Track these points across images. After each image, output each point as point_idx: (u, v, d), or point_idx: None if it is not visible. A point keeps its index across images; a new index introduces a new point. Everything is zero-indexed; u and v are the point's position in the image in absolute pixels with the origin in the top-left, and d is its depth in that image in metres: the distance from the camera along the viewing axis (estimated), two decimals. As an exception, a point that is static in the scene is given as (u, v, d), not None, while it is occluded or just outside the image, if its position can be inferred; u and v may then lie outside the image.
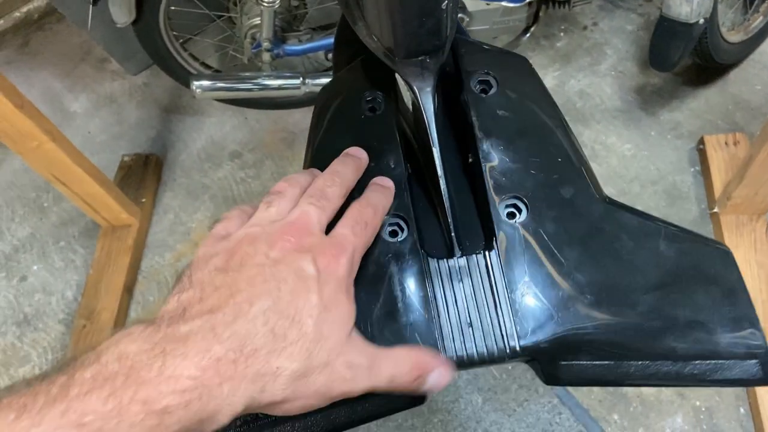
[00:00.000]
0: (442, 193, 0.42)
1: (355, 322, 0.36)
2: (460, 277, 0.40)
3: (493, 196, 0.42)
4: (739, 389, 1.15)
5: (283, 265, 0.34)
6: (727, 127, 1.53)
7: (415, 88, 0.44)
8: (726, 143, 1.43)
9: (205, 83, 1.39)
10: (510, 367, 1.21)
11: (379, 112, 0.48)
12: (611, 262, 0.40)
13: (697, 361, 0.37)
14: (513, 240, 0.41)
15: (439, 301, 0.39)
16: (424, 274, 0.40)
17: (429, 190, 0.46)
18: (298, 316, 0.32)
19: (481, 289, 0.39)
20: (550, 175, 0.43)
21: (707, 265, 0.40)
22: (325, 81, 1.38)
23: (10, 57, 2.03)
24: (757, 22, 1.57)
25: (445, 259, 0.41)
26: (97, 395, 0.26)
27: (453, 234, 0.42)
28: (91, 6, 1.31)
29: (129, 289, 1.45)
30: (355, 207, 0.39)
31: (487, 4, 1.30)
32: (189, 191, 1.64)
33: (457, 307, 0.39)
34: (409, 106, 0.48)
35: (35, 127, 1.18)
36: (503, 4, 1.30)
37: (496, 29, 1.37)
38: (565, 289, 0.39)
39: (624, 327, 0.38)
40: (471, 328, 0.38)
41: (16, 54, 2.04)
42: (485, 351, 0.37)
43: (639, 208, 0.43)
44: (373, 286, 0.39)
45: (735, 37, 1.52)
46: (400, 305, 0.39)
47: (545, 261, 0.40)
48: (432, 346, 0.37)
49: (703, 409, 1.14)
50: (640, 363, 0.37)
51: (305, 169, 0.46)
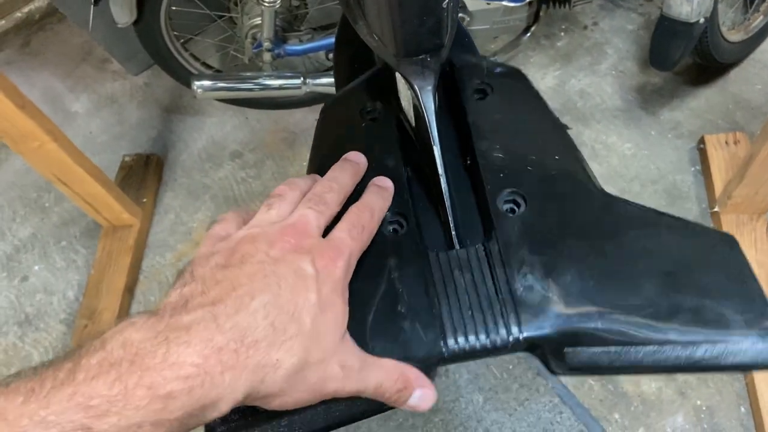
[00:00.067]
0: (443, 189, 0.43)
1: (359, 319, 0.37)
2: (460, 268, 0.40)
3: (491, 191, 0.43)
4: (740, 388, 1.15)
5: (283, 263, 0.35)
6: (727, 126, 1.53)
7: (416, 86, 0.44)
8: (726, 142, 1.43)
9: (206, 83, 1.39)
10: (511, 367, 1.21)
11: (378, 120, 0.49)
12: (613, 250, 0.40)
13: (708, 345, 0.36)
14: (513, 232, 0.41)
15: (441, 292, 0.39)
16: (424, 266, 0.40)
17: (429, 189, 0.46)
18: (297, 312, 0.33)
19: (482, 280, 0.39)
20: (548, 171, 0.44)
21: (712, 252, 0.40)
22: (325, 81, 1.38)
23: (12, 57, 2.04)
24: (757, 21, 1.57)
25: (445, 251, 0.41)
26: (103, 380, 0.27)
27: (453, 227, 0.42)
28: (92, 6, 1.31)
29: (130, 289, 1.46)
30: (353, 211, 0.40)
31: (488, 4, 1.30)
32: (190, 191, 1.64)
33: (458, 298, 0.39)
34: (410, 106, 0.48)
35: (36, 127, 1.18)
36: (504, 3, 1.31)
37: (496, 29, 1.37)
38: (568, 276, 0.38)
39: (630, 312, 0.37)
40: (473, 319, 0.38)
41: (18, 54, 2.04)
42: (488, 341, 0.37)
43: (639, 206, 0.43)
44: (376, 281, 0.39)
45: (735, 36, 1.52)
46: (402, 298, 0.39)
47: (546, 251, 0.40)
48: (435, 337, 0.37)
49: (704, 408, 1.15)
50: (649, 348, 0.36)
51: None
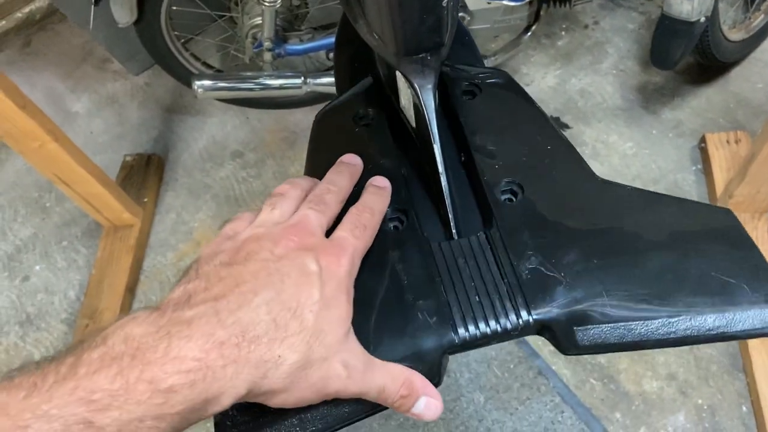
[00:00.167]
0: (443, 185, 0.43)
1: (364, 318, 0.37)
2: (464, 256, 0.40)
3: (488, 182, 0.43)
4: (741, 387, 1.15)
5: (287, 260, 0.35)
6: (728, 125, 1.53)
7: (416, 85, 0.44)
8: (727, 141, 1.43)
9: (207, 83, 1.39)
10: (512, 366, 1.21)
11: (372, 126, 0.50)
12: (614, 229, 0.40)
13: (716, 314, 0.36)
14: (514, 218, 0.41)
15: (446, 281, 0.39)
16: (428, 256, 0.40)
17: (428, 185, 0.46)
18: (300, 309, 0.33)
19: (487, 266, 0.40)
20: (542, 160, 0.45)
21: (711, 225, 0.41)
22: (326, 80, 1.38)
23: (12, 57, 2.04)
24: (758, 20, 1.57)
25: (447, 241, 0.42)
26: (105, 374, 0.27)
27: (452, 218, 0.43)
28: (92, 6, 1.31)
29: (131, 289, 1.46)
30: (354, 211, 0.41)
31: (488, 3, 1.30)
32: (191, 191, 1.64)
33: (464, 285, 0.39)
34: (410, 104, 0.48)
35: (37, 127, 1.18)
36: (504, 2, 1.30)
37: (497, 28, 1.37)
38: (572, 257, 0.39)
39: (636, 287, 0.37)
40: (482, 305, 0.38)
41: (18, 54, 2.04)
42: (498, 326, 0.37)
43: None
44: (380, 278, 0.40)
45: (736, 35, 1.52)
46: (408, 289, 0.39)
47: (548, 234, 0.40)
48: (444, 326, 0.37)
49: (705, 407, 1.14)
50: (659, 321, 0.36)
51: None
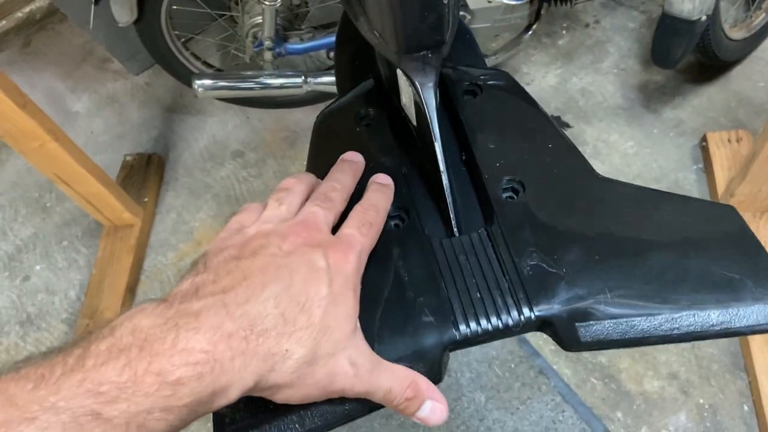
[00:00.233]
0: (443, 183, 0.43)
1: (368, 315, 0.37)
2: (465, 253, 0.40)
3: (490, 180, 0.43)
4: (743, 387, 1.15)
5: (295, 256, 0.35)
6: (729, 124, 1.53)
7: (417, 83, 0.44)
8: (729, 140, 1.43)
9: (207, 82, 1.39)
10: (513, 366, 1.21)
11: (372, 125, 0.50)
12: (616, 225, 0.40)
13: (720, 310, 0.36)
14: (515, 216, 0.41)
15: (447, 277, 0.39)
16: (428, 254, 0.40)
17: (429, 183, 0.46)
18: (308, 304, 0.33)
19: (488, 263, 0.40)
20: (543, 159, 0.44)
21: (714, 222, 0.40)
22: (327, 79, 1.38)
23: (13, 57, 2.04)
24: (759, 19, 1.57)
25: (448, 238, 0.42)
26: (112, 366, 0.27)
27: (453, 215, 0.43)
28: (93, 6, 1.31)
29: (132, 289, 1.46)
30: (359, 209, 0.41)
31: (489, 2, 1.30)
32: (191, 190, 1.64)
33: (465, 282, 0.39)
34: (411, 102, 0.48)
35: (38, 126, 1.18)
36: (505, 1, 1.30)
37: (497, 27, 1.37)
38: (574, 253, 0.38)
39: (639, 282, 0.37)
40: (483, 301, 0.38)
41: (19, 54, 2.04)
42: (500, 322, 0.37)
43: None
44: (382, 276, 0.39)
45: (737, 34, 1.52)
46: (409, 286, 0.39)
47: (550, 231, 0.40)
48: (445, 322, 0.37)
49: (706, 406, 1.14)
50: (662, 317, 0.36)
51: None
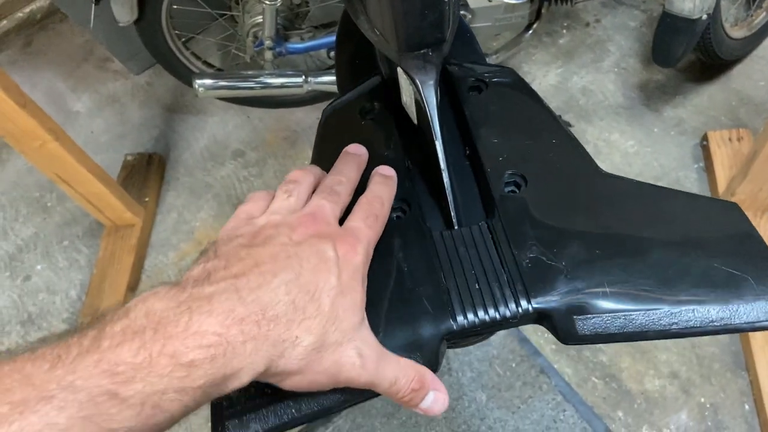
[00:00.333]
0: (444, 182, 0.43)
1: (372, 307, 0.37)
2: (465, 245, 0.41)
3: (492, 174, 0.43)
4: (744, 386, 1.15)
5: (305, 245, 0.35)
6: (730, 123, 1.53)
7: (417, 81, 0.44)
8: (729, 139, 1.43)
9: (208, 82, 1.39)
10: (514, 365, 1.21)
11: (377, 119, 0.50)
12: (617, 220, 0.40)
13: (720, 306, 0.35)
14: (515, 209, 0.41)
15: (446, 268, 0.39)
16: (428, 245, 0.41)
17: (431, 177, 0.46)
18: (317, 293, 0.33)
19: (488, 255, 0.40)
20: (546, 154, 0.45)
21: (716, 218, 0.40)
22: (327, 79, 1.38)
23: (13, 57, 2.04)
24: (760, 18, 1.57)
25: (449, 230, 0.42)
26: (128, 347, 0.28)
27: (452, 207, 0.43)
28: (93, 5, 1.31)
29: (133, 289, 1.45)
30: (364, 201, 0.41)
31: (489, 1, 1.30)
32: (192, 190, 1.64)
33: (464, 273, 0.39)
34: (411, 101, 0.48)
35: (38, 126, 1.18)
36: (505, 0, 1.30)
37: (498, 26, 1.37)
38: (573, 247, 0.38)
39: (638, 276, 0.37)
40: (481, 293, 0.38)
41: (19, 54, 2.05)
42: (497, 314, 0.37)
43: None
44: (383, 267, 0.40)
45: (738, 32, 1.52)
46: (408, 277, 0.39)
47: (550, 224, 0.40)
48: (443, 312, 0.37)
49: (707, 405, 1.14)
50: (661, 311, 0.35)
51: None
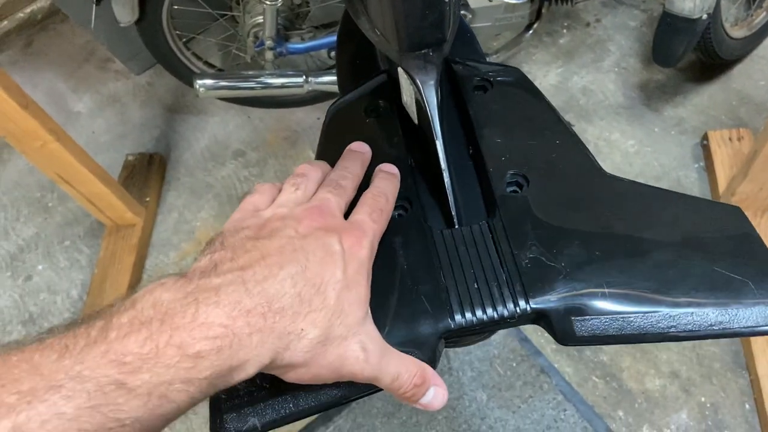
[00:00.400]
0: (445, 182, 0.43)
1: (375, 302, 0.37)
2: (465, 244, 0.41)
3: (494, 174, 0.43)
4: (745, 385, 1.15)
5: (311, 238, 0.35)
6: (730, 122, 1.53)
7: (418, 81, 0.44)
8: (730, 139, 1.43)
9: (209, 82, 1.39)
10: (514, 364, 1.21)
11: (382, 117, 0.50)
12: (618, 222, 0.40)
13: (719, 310, 0.35)
14: (516, 209, 0.41)
15: (446, 267, 0.40)
16: (429, 243, 0.41)
17: (433, 176, 0.46)
18: (323, 286, 0.34)
19: (488, 254, 0.40)
20: (549, 154, 0.45)
21: (718, 221, 0.40)
22: (328, 79, 1.38)
23: (14, 57, 2.04)
24: (760, 17, 1.57)
25: (449, 229, 0.42)
26: (135, 338, 0.28)
27: (453, 206, 0.43)
28: (94, 6, 1.31)
29: (134, 288, 1.44)
30: (369, 196, 0.41)
31: (490, 1, 1.30)
32: (193, 190, 1.64)
33: (463, 272, 0.39)
34: (412, 101, 0.48)
35: (40, 126, 1.18)
36: (506, 0, 1.30)
37: (498, 26, 1.37)
38: (573, 248, 0.39)
39: (638, 279, 0.37)
40: (479, 292, 0.38)
41: (20, 54, 2.05)
42: (495, 313, 0.37)
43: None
44: (383, 262, 0.40)
45: (738, 32, 1.52)
46: (408, 275, 0.39)
47: (551, 225, 0.40)
48: (442, 311, 0.38)
49: (708, 405, 1.14)
50: (660, 314, 0.35)
51: None
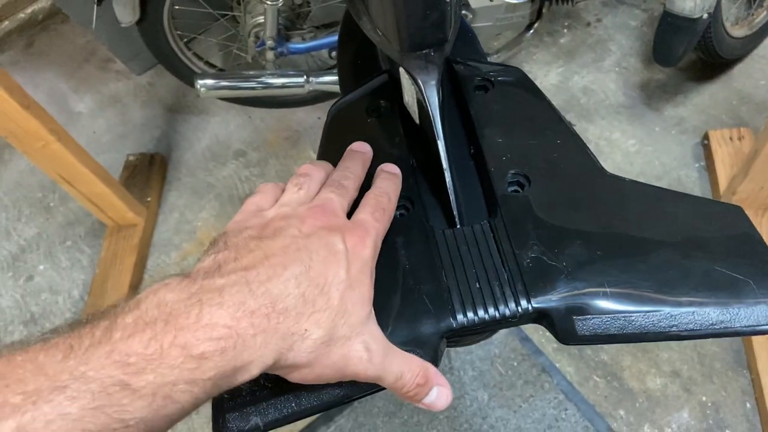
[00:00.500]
0: (446, 181, 0.43)
1: (378, 302, 0.37)
2: (467, 244, 0.41)
3: (495, 173, 0.44)
4: (746, 384, 1.15)
5: (315, 238, 0.35)
6: (731, 122, 1.53)
7: (419, 81, 0.44)
8: (730, 138, 1.43)
9: (210, 82, 1.39)
10: (515, 364, 1.21)
11: (383, 116, 0.50)
12: (620, 222, 0.40)
13: (721, 309, 0.35)
14: (518, 209, 0.41)
15: (447, 266, 0.40)
16: (430, 243, 0.41)
17: (434, 176, 0.46)
18: (327, 286, 0.34)
19: (489, 254, 0.40)
20: (551, 154, 0.45)
21: (719, 221, 0.40)
22: (329, 79, 1.38)
23: (15, 58, 2.04)
24: (761, 17, 1.57)
25: (451, 229, 0.42)
26: (139, 339, 0.28)
27: (455, 206, 0.43)
28: (95, 6, 1.31)
29: (135, 288, 1.46)
30: (371, 195, 0.41)
31: (490, 1, 1.30)
32: (194, 190, 1.64)
33: (465, 272, 0.39)
34: (413, 101, 0.48)
35: (41, 127, 1.18)
36: (506, 0, 1.30)
37: (499, 26, 1.37)
38: (575, 247, 0.39)
39: (639, 278, 0.37)
40: (481, 291, 0.38)
41: (21, 55, 2.05)
42: (497, 312, 0.37)
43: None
44: (385, 261, 0.40)
45: (739, 32, 1.52)
46: (410, 275, 0.39)
47: (552, 225, 0.40)
48: (443, 310, 0.38)
49: (709, 404, 1.14)
50: (661, 313, 0.36)
51: None
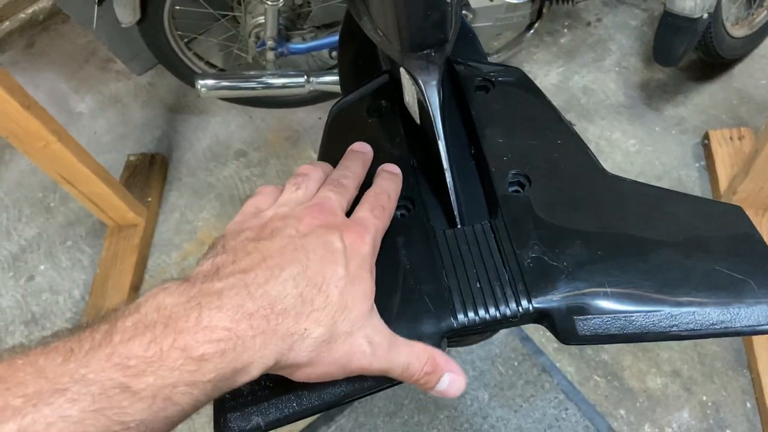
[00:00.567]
0: (447, 181, 0.43)
1: (380, 300, 0.37)
2: (467, 244, 0.41)
3: (496, 173, 0.44)
4: (746, 384, 1.15)
5: (312, 237, 0.36)
6: (731, 121, 1.53)
7: (420, 81, 0.44)
8: (731, 138, 1.43)
9: (210, 82, 1.39)
10: (516, 363, 1.21)
11: (384, 116, 0.51)
12: (620, 222, 0.41)
13: (721, 309, 0.36)
14: (518, 209, 0.42)
15: (448, 266, 0.40)
16: (431, 243, 0.41)
17: (435, 176, 0.46)
18: (325, 285, 0.34)
19: (490, 254, 0.40)
20: (551, 154, 0.45)
21: (720, 221, 0.41)
22: (329, 79, 1.38)
23: (16, 58, 2.04)
24: (761, 16, 1.57)
25: (451, 229, 0.42)
26: (139, 341, 0.28)
27: (455, 206, 0.43)
28: (96, 6, 1.32)
29: (136, 288, 1.46)
30: (371, 194, 0.42)
31: (491, 1, 1.30)
32: (195, 190, 1.64)
33: (466, 272, 0.39)
34: (414, 101, 0.48)
35: (42, 127, 1.19)
36: (507, 0, 1.30)
37: (499, 26, 1.37)
38: (576, 247, 0.39)
39: (640, 278, 0.37)
40: (482, 291, 0.38)
41: (22, 55, 2.05)
42: (498, 312, 0.38)
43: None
44: (385, 261, 0.40)
45: (739, 31, 1.52)
46: (411, 275, 0.40)
47: (553, 225, 0.40)
48: (444, 310, 0.38)
49: (709, 403, 1.14)
50: (662, 313, 0.36)
51: None
